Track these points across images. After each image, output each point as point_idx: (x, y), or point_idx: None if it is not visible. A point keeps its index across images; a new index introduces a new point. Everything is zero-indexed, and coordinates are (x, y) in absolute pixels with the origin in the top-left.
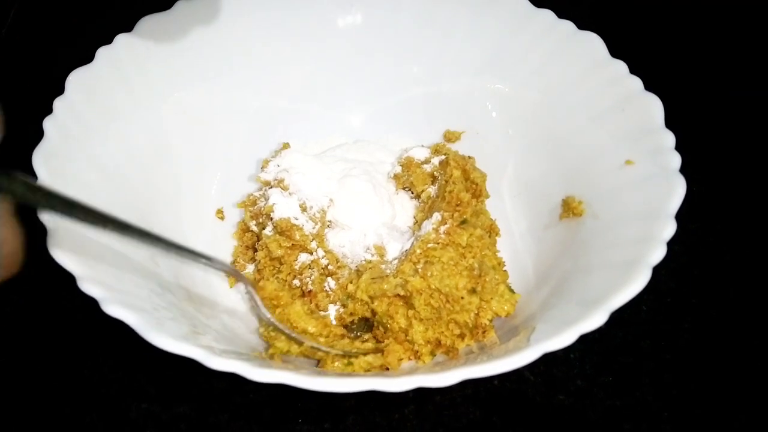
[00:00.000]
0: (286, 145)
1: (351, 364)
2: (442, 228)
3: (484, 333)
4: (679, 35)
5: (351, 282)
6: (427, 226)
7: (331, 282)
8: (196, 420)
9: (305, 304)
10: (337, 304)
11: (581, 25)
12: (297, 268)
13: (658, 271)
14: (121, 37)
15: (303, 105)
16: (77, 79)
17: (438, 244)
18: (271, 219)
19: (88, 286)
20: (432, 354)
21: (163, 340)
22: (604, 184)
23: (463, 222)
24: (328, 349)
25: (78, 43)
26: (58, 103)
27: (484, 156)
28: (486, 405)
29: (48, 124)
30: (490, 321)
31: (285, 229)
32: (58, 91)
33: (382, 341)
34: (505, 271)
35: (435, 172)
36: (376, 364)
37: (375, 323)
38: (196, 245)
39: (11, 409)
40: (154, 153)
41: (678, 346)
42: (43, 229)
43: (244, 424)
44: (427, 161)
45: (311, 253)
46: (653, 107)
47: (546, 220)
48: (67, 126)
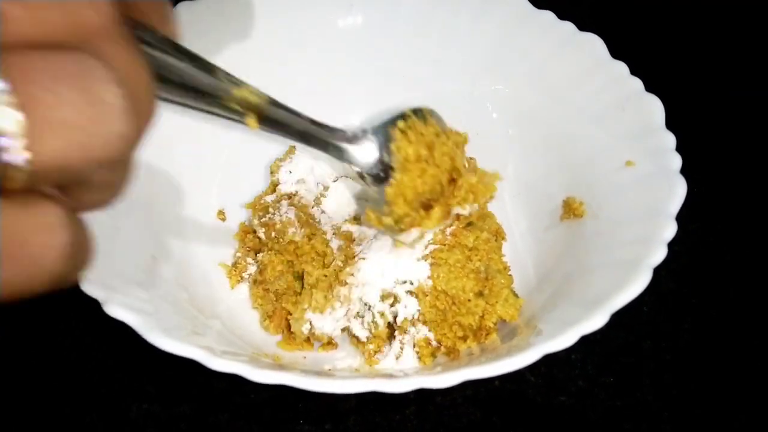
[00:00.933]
0: (292, 149)
1: None
2: (448, 230)
3: (487, 335)
4: (680, 35)
5: None
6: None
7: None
8: (196, 420)
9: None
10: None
11: (582, 26)
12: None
13: (658, 271)
14: None
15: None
16: None
17: (444, 245)
18: (281, 238)
19: (90, 287)
20: (433, 355)
21: (165, 341)
22: (604, 185)
23: (469, 224)
24: None
25: None
26: None
27: (485, 157)
28: (486, 405)
29: None
30: (495, 324)
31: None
32: None
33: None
34: (510, 275)
35: None
36: None
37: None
38: (197, 246)
39: (10, 409)
40: (155, 153)
41: (679, 347)
42: None
43: (244, 424)
44: None
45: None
46: (654, 108)
47: (547, 221)
48: None
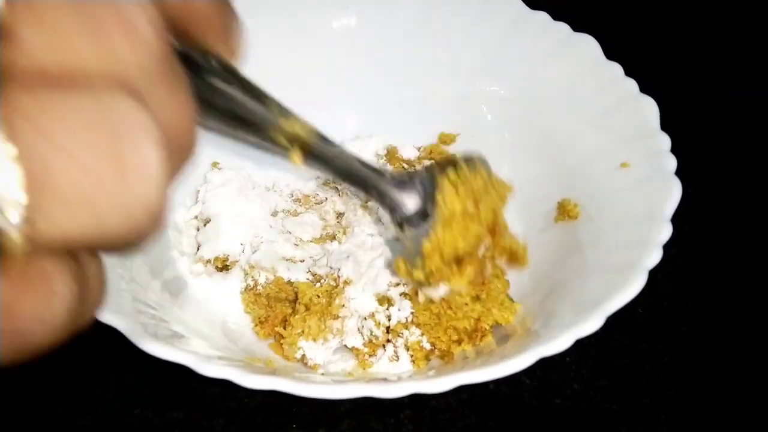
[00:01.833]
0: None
1: None
2: None
3: (482, 337)
4: (677, 36)
5: None
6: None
7: None
8: (189, 425)
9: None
10: None
11: (579, 27)
12: None
13: (654, 273)
14: None
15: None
16: None
17: None
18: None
19: None
20: (427, 358)
21: (155, 347)
22: (599, 187)
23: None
24: None
25: None
26: None
27: None
28: (482, 409)
29: None
30: (490, 327)
31: None
32: None
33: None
34: (506, 280)
35: None
36: None
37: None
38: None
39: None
40: None
41: (675, 349)
42: None
43: (238, 429)
44: (410, 163)
45: None
46: (649, 110)
47: (541, 224)
48: None
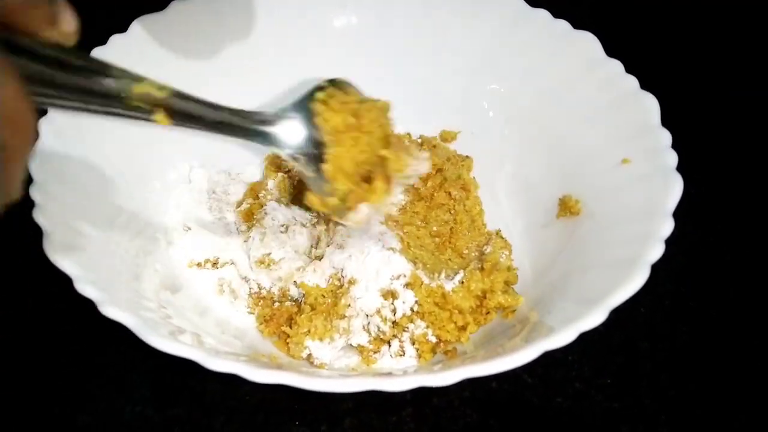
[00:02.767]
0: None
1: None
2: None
3: (487, 315)
4: (678, 34)
5: None
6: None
7: None
8: (189, 423)
9: None
10: None
11: (580, 24)
12: None
13: (656, 272)
14: (116, 38)
15: None
16: None
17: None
18: None
19: (85, 287)
20: (432, 351)
21: (162, 342)
22: (600, 183)
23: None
24: None
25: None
26: None
27: (481, 156)
28: (483, 407)
29: (43, 124)
30: (495, 308)
31: None
32: None
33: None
34: (516, 274)
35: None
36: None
37: None
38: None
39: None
40: (149, 153)
41: (676, 348)
42: (38, 231)
43: (238, 427)
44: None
45: None
46: (649, 106)
47: (543, 220)
48: (61, 127)
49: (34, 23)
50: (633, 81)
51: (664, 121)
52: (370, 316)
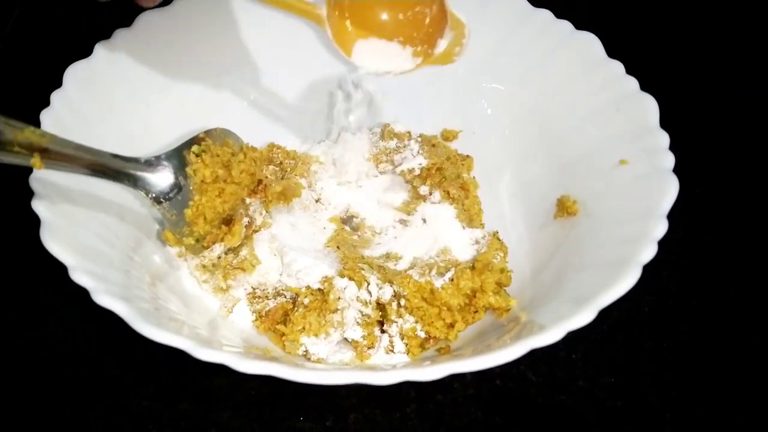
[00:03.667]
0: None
1: None
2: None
3: (475, 314)
4: (678, 35)
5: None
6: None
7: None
8: (196, 417)
9: None
10: None
11: (581, 25)
12: None
13: (660, 272)
14: (120, 32)
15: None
16: (75, 73)
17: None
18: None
19: (79, 276)
20: (422, 347)
21: (153, 331)
22: (598, 184)
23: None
24: None
25: (76, 38)
26: (55, 97)
27: (482, 155)
28: (488, 405)
29: (45, 117)
30: (484, 308)
31: None
32: (55, 84)
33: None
34: (510, 275)
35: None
36: None
37: None
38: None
39: (8, 406)
40: (151, 148)
41: (680, 347)
42: (36, 220)
43: (245, 422)
44: (401, 137)
45: None
46: (648, 107)
47: (542, 220)
48: (64, 119)
49: None
50: (633, 82)
51: (665, 121)
52: (352, 302)
